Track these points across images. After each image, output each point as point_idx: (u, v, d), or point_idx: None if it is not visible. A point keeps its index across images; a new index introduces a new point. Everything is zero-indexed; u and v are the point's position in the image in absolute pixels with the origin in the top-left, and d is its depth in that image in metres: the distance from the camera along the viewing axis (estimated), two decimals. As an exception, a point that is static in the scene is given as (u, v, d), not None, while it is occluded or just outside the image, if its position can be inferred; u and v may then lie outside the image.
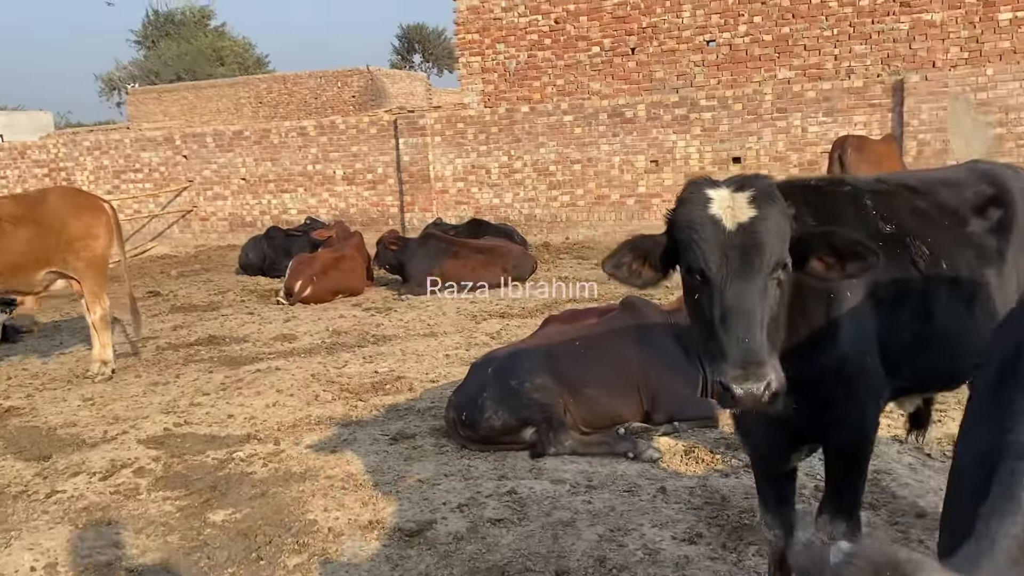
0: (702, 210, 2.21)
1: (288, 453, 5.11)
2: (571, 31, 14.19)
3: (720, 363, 2.10)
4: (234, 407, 6.14)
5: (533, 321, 8.46)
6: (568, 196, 14.30)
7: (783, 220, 2.21)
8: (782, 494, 2.85)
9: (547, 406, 4.73)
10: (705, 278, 2.18)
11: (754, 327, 2.09)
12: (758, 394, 2.05)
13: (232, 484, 4.65)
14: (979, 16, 12.09)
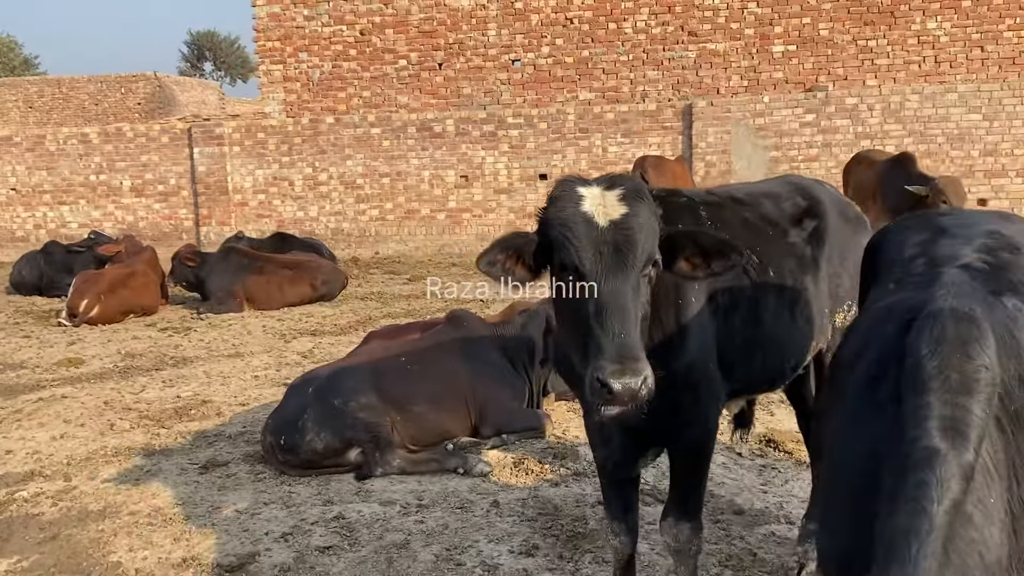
0: (574, 207, 2.20)
1: (82, 489, 4.59)
2: (377, 43, 14.02)
3: (596, 359, 2.08)
4: (13, 441, 5.46)
5: (347, 339, 8.21)
6: (377, 210, 14.09)
7: (653, 218, 2.23)
8: (627, 501, 2.88)
9: (373, 425, 4.55)
10: (579, 275, 2.16)
11: (629, 323, 2.09)
12: (635, 388, 2.04)
13: (15, 528, 4.10)
14: (756, 48, 13.21)
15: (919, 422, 1.33)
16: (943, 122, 12.52)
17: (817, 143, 12.85)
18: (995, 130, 12.40)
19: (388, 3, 13.85)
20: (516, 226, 13.75)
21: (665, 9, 13.26)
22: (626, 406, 2.09)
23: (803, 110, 12.84)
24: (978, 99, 12.41)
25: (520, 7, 13.55)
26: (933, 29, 12.76)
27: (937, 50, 12.80)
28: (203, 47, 57.04)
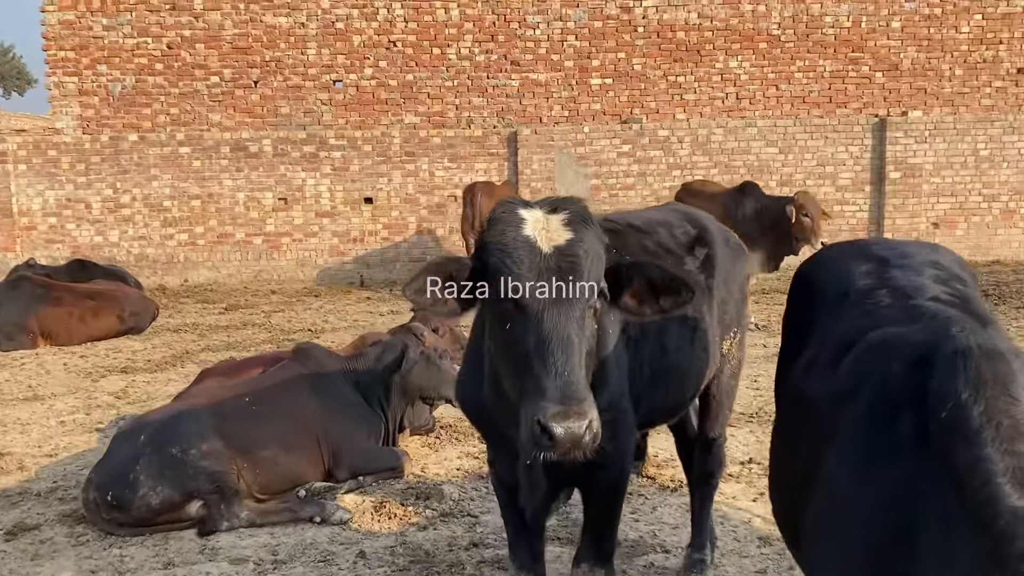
0: (515, 231, 2.02)
1: None
2: (187, 58, 13.13)
3: (537, 400, 1.89)
4: None
5: (164, 375, 7.54)
6: (186, 234, 13.14)
7: (599, 245, 2.09)
8: (537, 550, 2.71)
9: (217, 474, 4.11)
10: (519, 305, 1.97)
11: (573, 359, 1.92)
12: (579, 434, 1.87)
13: None
14: (576, 80, 13.60)
15: (986, 478, 1.26)
16: (744, 154, 13.44)
17: (633, 172, 13.39)
18: (790, 162, 13.47)
19: (199, 16, 13.03)
20: (340, 251, 13.32)
21: (488, 37, 13.38)
22: (568, 454, 1.92)
23: (620, 140, 13.36)
24: (774, 133, 13.45)
25: (341, 27, 13.17)
26: (734, 68, 13.71)
27: (738, 87, 13.76)
28: None
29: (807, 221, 8.57)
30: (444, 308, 2.19)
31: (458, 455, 5.17)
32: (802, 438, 1.79)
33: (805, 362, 1.97)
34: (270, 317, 10.35)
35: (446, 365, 5.03)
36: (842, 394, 1.66)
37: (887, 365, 1.55)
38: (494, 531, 4.05)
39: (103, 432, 5.83)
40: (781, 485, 2.04)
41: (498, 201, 2.24)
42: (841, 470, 1.55)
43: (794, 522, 1.80)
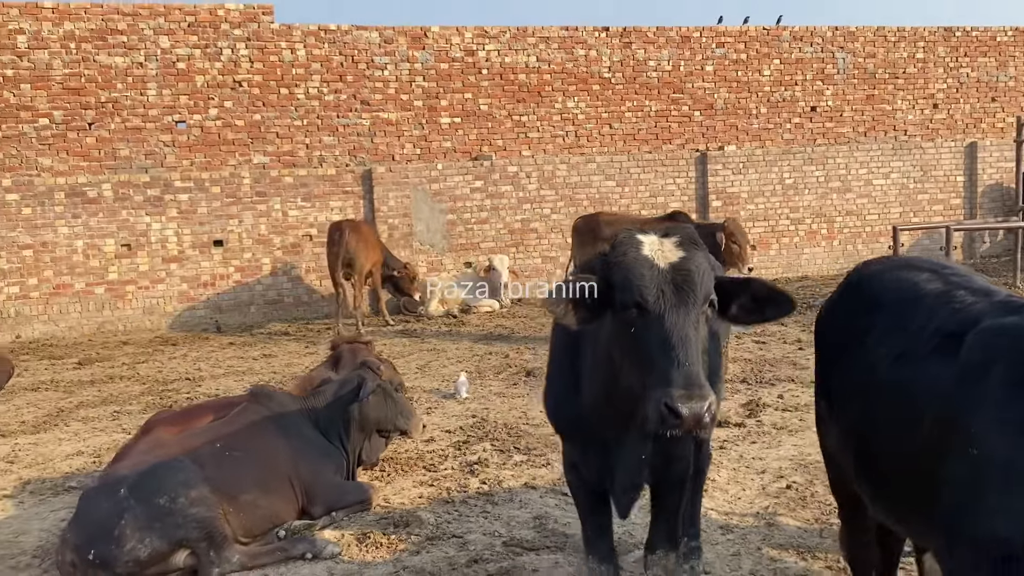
0: (636, 252, 2.35)
1: None
2: (10, 99, 12.21)
3: (663, 387, 2.21)
4: None
5: (50, 435, 7.08)
6: (18, 287, 12.17)
7: (707, 262, 2.45)
8: (611, 542, 3.01)
9: (207, 520, 4.06)
10: (643, 311, 2.30)
11: (692, 353, 2.26)
12: (701, 413, 2.20)
13: None
14: (426, 119, 13.97)
15: None
16: (587, 187, 14.37)
17: (487, 207, 13.93)
18: (626, 194, 14.54)
19: (23, 56, 12.18)
20: (190, 297, 12.84)
21: (336, 78, 13.47)
22: (691, 431, 2.26)
23: (472, 176, 13.87)
24: (611, 168, 14.48)
25: (183, 67, 12.78)
26: (572, 108, 14.63)
27: (576, 126, 14.69)
28: None
29: (735, 248, 9.31)
30: (573, 319, 2.49)
31: (412, 484, 5.33)
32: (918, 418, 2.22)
33: (891, 356, 2.41)
34: (135, 368, 9.85)
35: (401, 398, 5.21)
36: (971, 373, 2.10)
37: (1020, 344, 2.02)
38: (487, 547, 4.29)
39: (15, 499, 5.46)
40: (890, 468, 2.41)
41: (620, 231, 2.56)
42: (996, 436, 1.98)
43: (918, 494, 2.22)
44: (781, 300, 2.59)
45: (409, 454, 5.89)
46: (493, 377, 8.55)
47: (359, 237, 11.47)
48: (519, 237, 14.16)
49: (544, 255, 14.30)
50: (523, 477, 5.36)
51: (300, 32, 13.35)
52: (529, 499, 4.97)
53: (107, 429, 7.17)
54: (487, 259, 13.38)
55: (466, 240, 13.94)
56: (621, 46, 14.86)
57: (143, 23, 12.71)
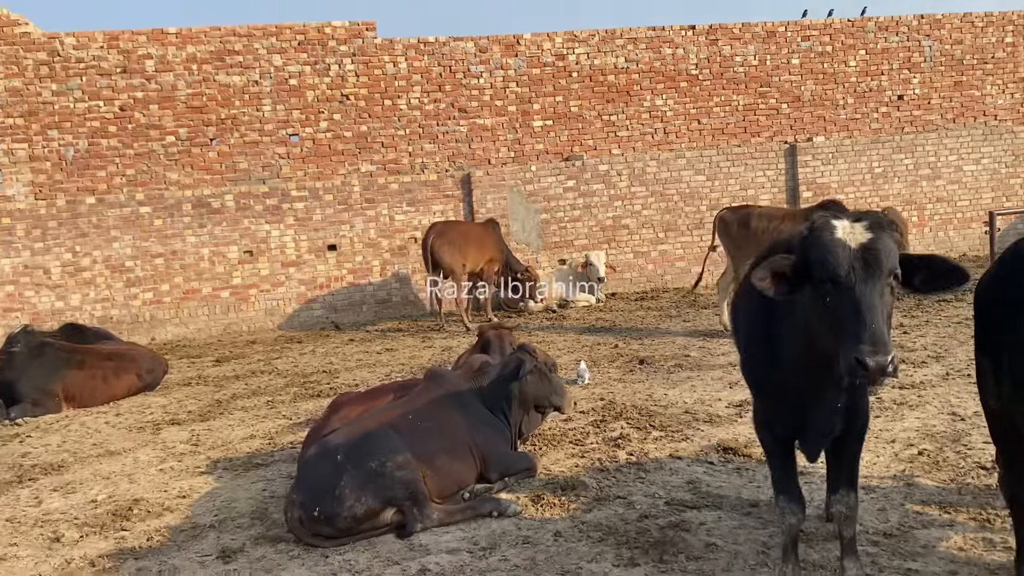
0: (831, 234, 2.86)
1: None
2: (140, 119, 13.27)
3: (854, 344, 2.71)
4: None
5: (221, 422, 7.86)
6: (151, 293, 13.20)
7: (892, 240, 2.94)
8: (798, 485, 3.52)
9: (411, 482, 4.69)
10: (836, 284, 2.80)
11: (878, 317, 2.76)
12: (885, 365, 2.70)
13: None
14: (519, 123, 14.59)
15: None
16: (677, 183, 14.76)
17: (579, 205, 14.46)
18: (716, 188, 14.88)
19: (151, 79, 13.21)
20: (307, 298, 13.69)
21: (436, 87, 14.19)
22: (874, 382, 2.75)
23: (565, 176, 14.41)
24: (701, 163, 14.84)
25: (295, 84, 13.66)
26: (660, 105, 15.06)
27: (665, 123, 15.11)
28: None
29: (896, 236, 9.65)
30: (775, 292, 3.00)
31: (565, 456, 5.90)
32: None
33: None
34: (271, 364, 10.67)
35: (555, 377, 5.78)
36: None
37: None
38: (651, 506, 4.82)
39: (212, 475, 6.20)
40: None
41: (816, 216, 3.06)
42: None
43: None
44: (958, 273, 3.03)
45: (553, 431, 6.45)
46: (608, 365, 9.06)
47: (443, 238, 12.03)
48: (611, 233, 14.64)
49: (636, 250, 14.75)
50: (666, 449, 5.87)
51: (401, 46, 14.10)
52: (677, 467, 5.48)
53: (268, 416, 7.93)
54: (584, 255, 13.91)
55: (560, 238, 14.49)
56: (707, 43, 15.21)
57: (257, 43, 13.61)
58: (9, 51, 12.92)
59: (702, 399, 7.22)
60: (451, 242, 12.39)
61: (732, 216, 10.36)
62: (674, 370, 8.49)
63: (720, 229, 10.51)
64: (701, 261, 12.08)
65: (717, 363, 8.63)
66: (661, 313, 12.29)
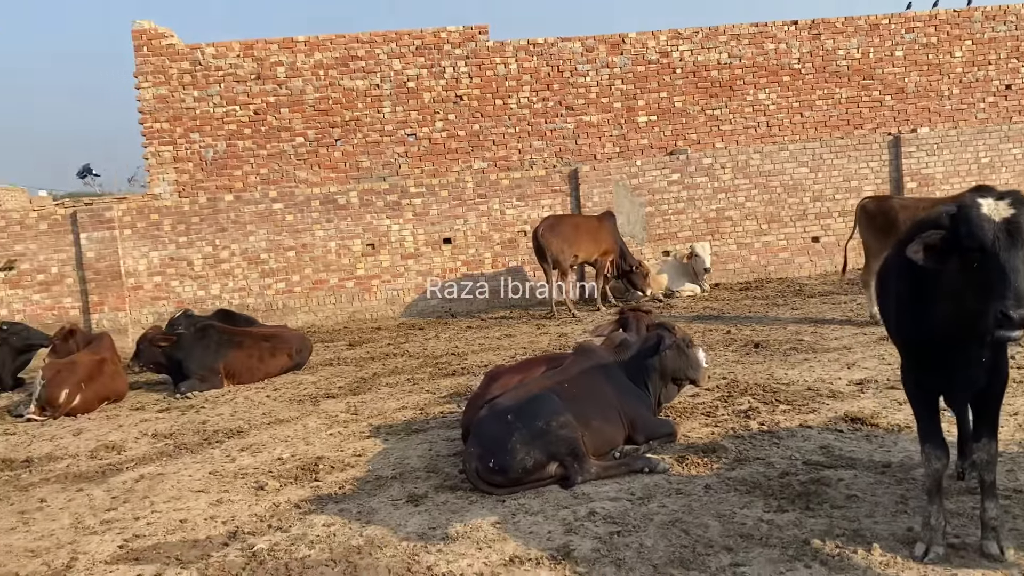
0: (977, 210, 3.35)
1: (313, 536, 4.91)
2: (273, 122, 14.35)
3: (1001, 301, 3.19)
4: (171, 512, 5.54)
5: (373, 395, 8.65)
6: (284, 283, 14.25)
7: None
8: (942, 434, 4.01)
9: (572, 440, 5.32)
10: (983, 252, 3.29)
11: (1020, 278, 3.23)
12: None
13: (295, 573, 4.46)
14: (624, 119, 15.13)
15: None
16: (780, 175, 15.04)
17: (683, 198, 14.89)
18: (820, 179, 15.10)
19: (282, 84, 14.28)
20: (424, 288, 14.52)
21: (544, 87, 14.85)
22: (1015, 330, 3.23)
23: (669, 170, 14.87)
24: (804, 155, 15.08)
25: (413, 86, 14.53)
26: (763, 99, 15.38)
27: (768, 116, 15.42)
28: None
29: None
30: (928, 262, 3.50)
31: (699, 425, 6.45)
32: None
33: None
34: (401, 347, 11.49)
35: (692, 352, 6.33)
36: None
37: None
38: (790, 466, 5.32)
39: (378, 439, 6.97)
40: None
41: (966, 193, 3.56)
42: None
43: None
44: None
45: (684, 405, 7.00)
46: (723, 349, 9.53)
47: (552, 231, 12.64)
48: (714, 225, 15.03)
49: (739, 241, 15.09)
50: (795, 420, 6.36)
51: (512, 48, 14.79)
52: (808, 435, 5.97)
53: (413, 391, 8.69)
54: (689, 246, 14.34)
55: (664, 230, 14.95)
56: (810, 38, 15.43)
57: (378, 49, 14.51)
58: (157, 62, 14.14)
59: (822, 378, 7.65)
60: (560, 235, 13.02)
61: (874, 206, 10.59)
62: (790, 353, 8.91)
63: (861, 218, 10.74)
64: (806, 252, 12.37)
65: (832, 347, 9.01)
66: (768, 302, 12.65)
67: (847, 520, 4.41)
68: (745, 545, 4.21)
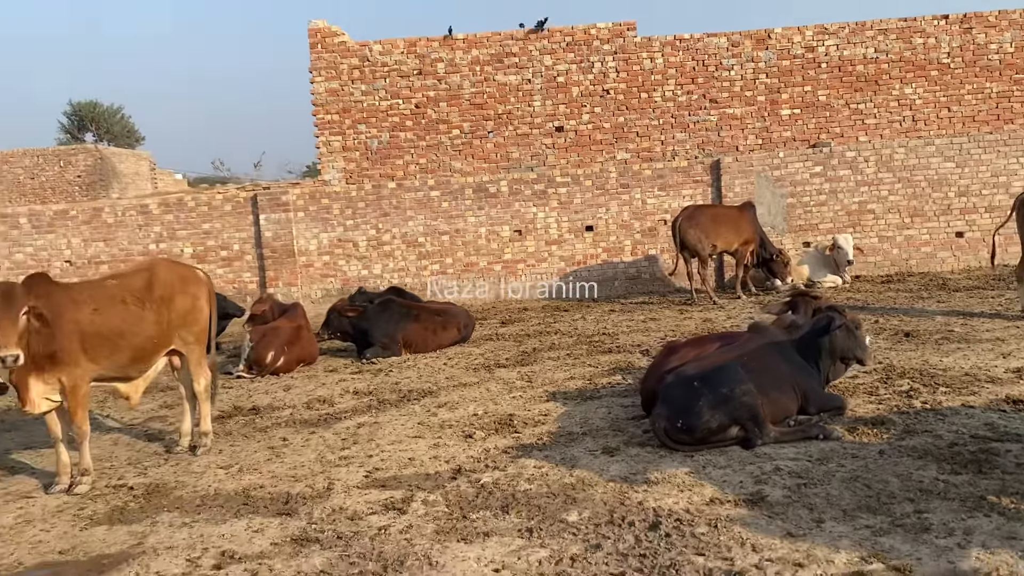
0: None
1: (528, 475, 5.73)
2: (432, 115, 15.40)
3: None
4: (396, 453, 6.48)
5: (539, 367, 9.46)
6: (438, 265, 15.30)
7: None
8: None
9: (753, 406, 5.95)
10: None
11: None
12: None
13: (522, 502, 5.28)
14: (768, 111, 15.46)
15: None
16: (925, 170, 15.06)
17: (825, 190, 15.12)
18: (966, 175, 15.03)
19: (442, 79, 15.30)
20: (566, 273, 15.31)
21: (689, 80, 15.35)
22: None
23: (812, 163, 15.11)
24: (951, 150, 15.04)
25: (562, 81, 15.30)
26: (909, 94, 15.39)
27: (913, 111, 15.43)
28: (84, 117, 56.03)
29: None
30: None
31: (863, 402, 6.95)
32: None
33: None
34: (552, 326, 12.30)
35: (861, 334, 6.85)
36: None
37: None
38: (958, 438, 5.79)
39: (555, 402, 7.76)
40: None
41: None
42: None
43: None
44: None
45: (845, 385, 7.50)
46: (874, 337, 9.88)
47: (691, 221, 13.13)
48: (856, 218, 15.19)
49: (880, 234, 15.20)
50: (957, 400, 6.79)
51: (659, 43, 15.34)
52: (972, 413, 6.40)
53: (576, 365, 9.47)
54: (831, 238, 14.59)
55: (804, 221, 15.23)
56: (960, 32, 15.33)
57: (531, 45, 15.34)
58: (329, 58, 15.40)
59: (978, 365, 7.99)
60: (698, 224, 13.52)
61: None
62: (942, 342, 9.22)
63: (1020, 213, 10.84)
64: (949, 247, 12.46)
65: (984, 338, 9.26)
66: (912, 295, 12.82)
67: (1020, 483, 4.90)
68: (925, 498, 4.77)
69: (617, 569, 4.19)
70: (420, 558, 4.51)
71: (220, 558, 4.73)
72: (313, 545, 4.80)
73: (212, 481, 6.18)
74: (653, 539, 4.51)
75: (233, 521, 5.32)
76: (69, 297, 6.05)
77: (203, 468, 6.52)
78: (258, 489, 5.90)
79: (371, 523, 5.07)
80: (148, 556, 4.85)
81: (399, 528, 4.96)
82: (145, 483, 6.24)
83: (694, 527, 4.62)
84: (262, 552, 4.78)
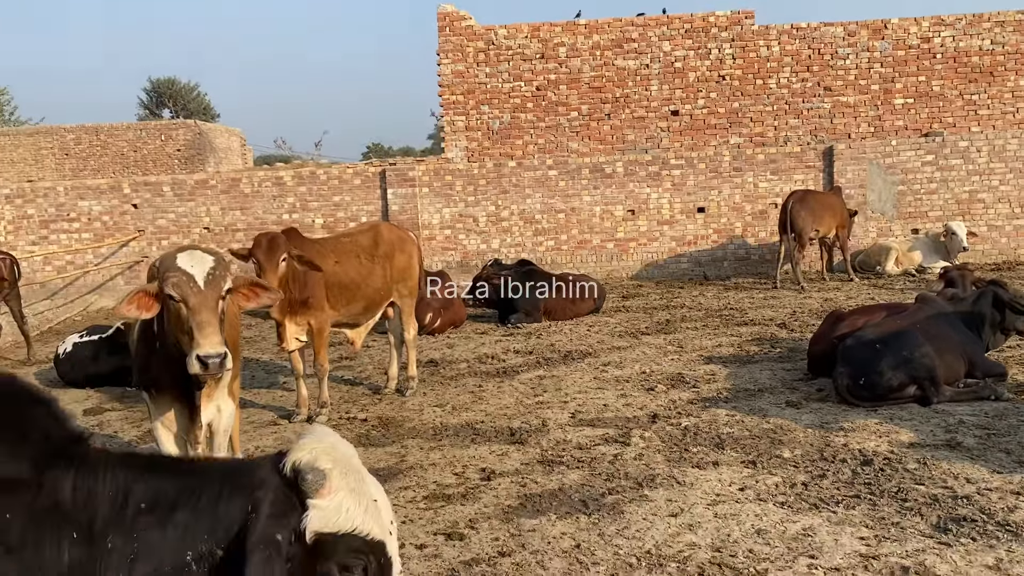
0: None
1: (724, 420, 6.38)
2: (552, 97, 16.07)
3: None
4: (589, 400, 7.19)
5: (679, 335, 10.08)
6: (553, 241, 15.99)
7: None
8: None
9: (931, 368, 6.52)
10: None
11: None
12: None
13: (728, 443, 5.94)
14: (881, 100, 15.79)
15: None
16: (1038, 161, 15.25)
17: (936, 179, 15.40)
18: (1080, 167, 15.18)
19: (562, 63, 15.95)
20: (676, 252, 15.88)
21: (804, 68, 15.75)
22: None
23: (924, 152, 15.40)
24: (1066, 142, 15.20)
25: (679, 66, 15.83)
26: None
27: (1029, 102, 15.64)
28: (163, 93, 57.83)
29: None
30: None
31: (1020, 372, 7.47)
32: None
33: None
34: (672, 301, 12.89)
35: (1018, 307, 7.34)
36: None
37: None
38: (1123, 401, 6.32)
39: (716, 364, 8.39)
40: None
41: None
42: None
43: None
44: None
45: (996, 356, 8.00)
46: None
47: (801, 204, 13.51)
48: (966, 207, 15.44)
49: (990, 223, 15.44)
50: (1111, 372, 7.26)
51: (776, 31, 15.76)
52: None
53: (716, 334, 10.05)
54: (944, 225, 14.90)
55: (914, 209, 15.54)
56: (1081, 24, 15.44)
57: (651, 32, 15.88)
58: (456, 41, 16.15)
59: (1120, 345, 8.41)
60: (809, 208, 13.93)
61: None
62: (1076, 324, 9.61)
63: None
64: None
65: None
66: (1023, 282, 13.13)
67: None
68: (1113, 448, 5.33)
69: (850, 492, 4.84)
70: (667, 477, 5.22)
71: (482, 473, 5.50)
72: (559, 466, 5.54)
73: (433, 417, 6.97)
74: (870, 472, 5.15)
75: (474, 447, 6.10)
76: (316, 250, 6.88)
77: (418, 407, 7.33)
78: (480, 424, 6.67)
79: (602, 451, 5.79)
80: (416, 471, 5.65)
81: (631, 456, 5.67)
82: (373, 416, 7.07)
83: (904, 464, 5.24)
84: (517, 470, 5.53)
